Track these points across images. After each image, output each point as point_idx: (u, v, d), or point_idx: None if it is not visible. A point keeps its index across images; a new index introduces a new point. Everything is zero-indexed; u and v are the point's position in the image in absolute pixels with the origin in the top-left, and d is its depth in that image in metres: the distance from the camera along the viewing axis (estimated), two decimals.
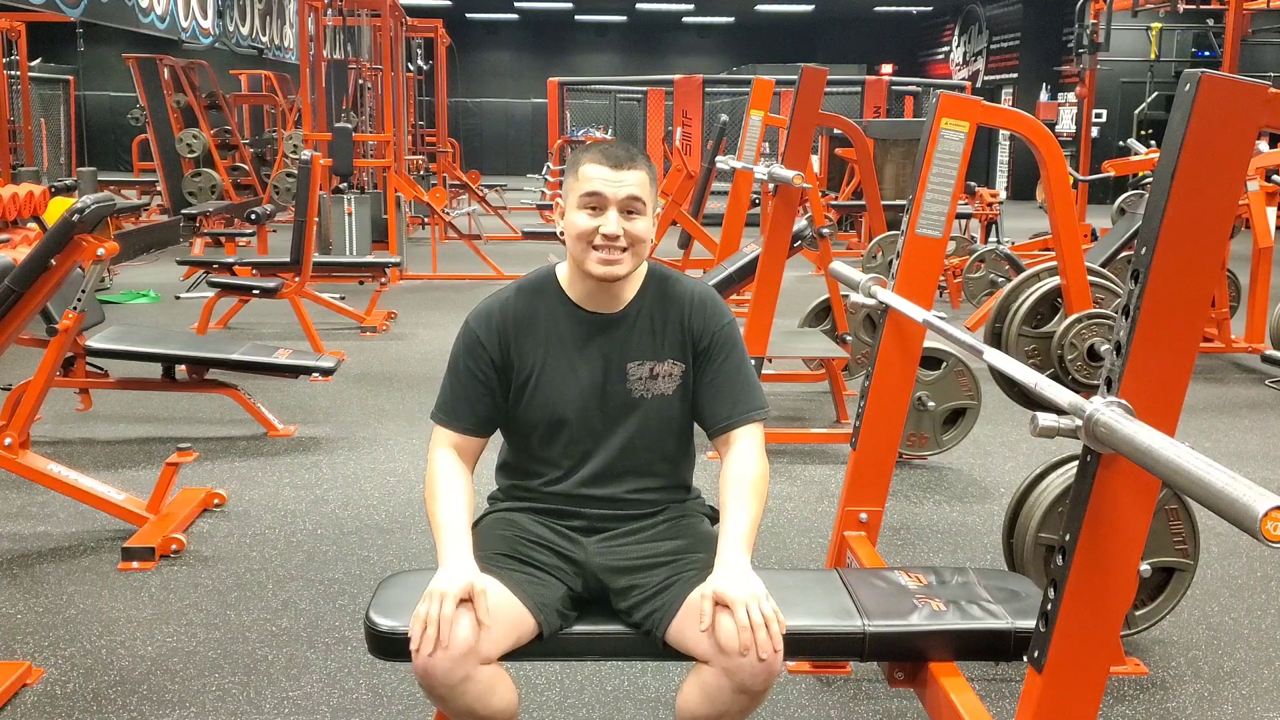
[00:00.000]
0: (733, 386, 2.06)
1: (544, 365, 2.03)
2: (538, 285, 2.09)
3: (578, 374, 2.03)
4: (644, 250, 2.00)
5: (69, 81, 14.64)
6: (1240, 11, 10.75)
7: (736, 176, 6.00)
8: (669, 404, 2.05)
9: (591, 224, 1.95)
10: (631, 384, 2.03)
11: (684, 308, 2.06)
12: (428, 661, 1.77)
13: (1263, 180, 6.62)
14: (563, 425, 2.04)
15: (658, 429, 2.06)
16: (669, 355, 2.04)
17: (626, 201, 1.96)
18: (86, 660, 2.78)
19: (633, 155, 1.99)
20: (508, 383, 2.05)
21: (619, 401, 2.03)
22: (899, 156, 12.29)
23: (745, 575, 1.86)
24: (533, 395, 2.04)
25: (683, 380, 2.06)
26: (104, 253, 3.41)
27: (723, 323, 2.08)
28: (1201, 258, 1.65)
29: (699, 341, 2.05)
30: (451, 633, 1.78)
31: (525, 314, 2.05)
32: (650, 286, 2.08)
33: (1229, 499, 1.28)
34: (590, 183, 1.96)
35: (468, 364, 2.05)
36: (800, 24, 26.14)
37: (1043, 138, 3.61)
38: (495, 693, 1.84)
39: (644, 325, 2.05)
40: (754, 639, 1.78)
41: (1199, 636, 2.98)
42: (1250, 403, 5.69)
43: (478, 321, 2.07)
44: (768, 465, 2.04)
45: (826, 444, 4.72)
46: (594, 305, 2.05)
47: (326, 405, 5.34)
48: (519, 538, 2.03)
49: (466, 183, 13.42)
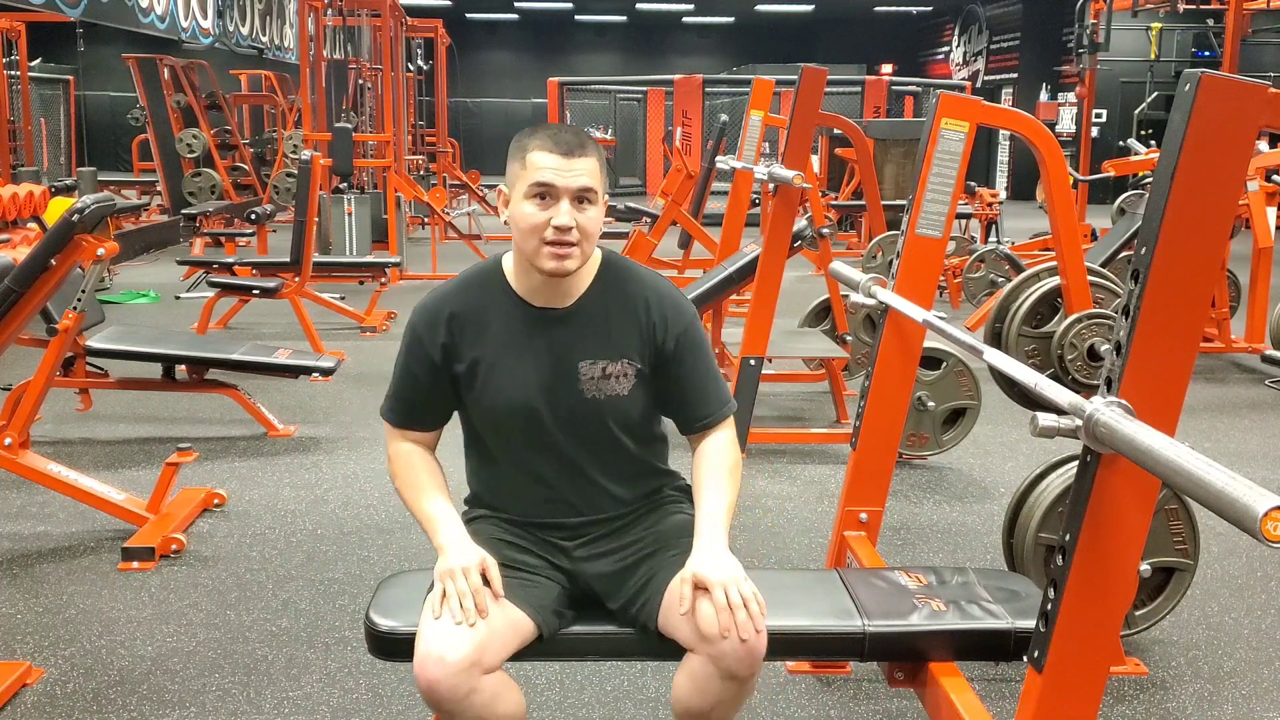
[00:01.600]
0: (704, 386, 2.01)
1: (490, 365, 1.93)
2: (482, 279, 1.98)
3: (525, 374, 1.92)
4: (594, 242, 1.90)
5: (69, 81, 14.67)
6: (1240, 11, 10.75)
7: (736, 176, 5.99)
8: (625, 403, 1.96)
9: (542, 216, 1.85)
10: (584, 384, 1.92)
11: (641, 306, 1.95)
12: (432, 679, 1.73)
13: (1263, 180, 6.62)
14: (514, 428, 1.95)
15: (616, 429, 1.96)
16: (623, 354, 1.94)
17: (579, 192, 1.85)
18: (86, 660, 2.78)
19: (583, 141, 1.88)
20: (454, 382, 1.96)
21: (572, 403, 1.93)
22: (899, 156, 12.29)
23: (723, 557, 1.83)
24: (480, 397, 1.94)
25: (638, 379, 1.95)
26: (104, 253, 3.41)
27: (686, 322, 1.98)
28: (1201, 258, 1.65)
29: (663, 344, 1.96)
30: (452, 646, 1.74)
31: (469, 310, 1.94)
32: (603, 279, 1.97)
33: (1229, 499, 1.28)
34: (539, 172, 1.85)
35: (407, 362, 1.98)
36: (800, 24, 26.14)
37: (1043, 138, 3.60)
38: (501, 699, 1.81)
39: (597, 322, 1.94)
40: (734, 620, 1.76)
41: (1199, 636, 2.98)
42: (1250, 403, 5.69)
43: (420, 320, 1.96)
44: (740, 454, 2.02)
45: (826, 444, 4.71)
46: (542, 300, 1.94)
47: (326, 405, 5.34)
48: (504, 542, 1.98)
49: (466, 183, 13.41)
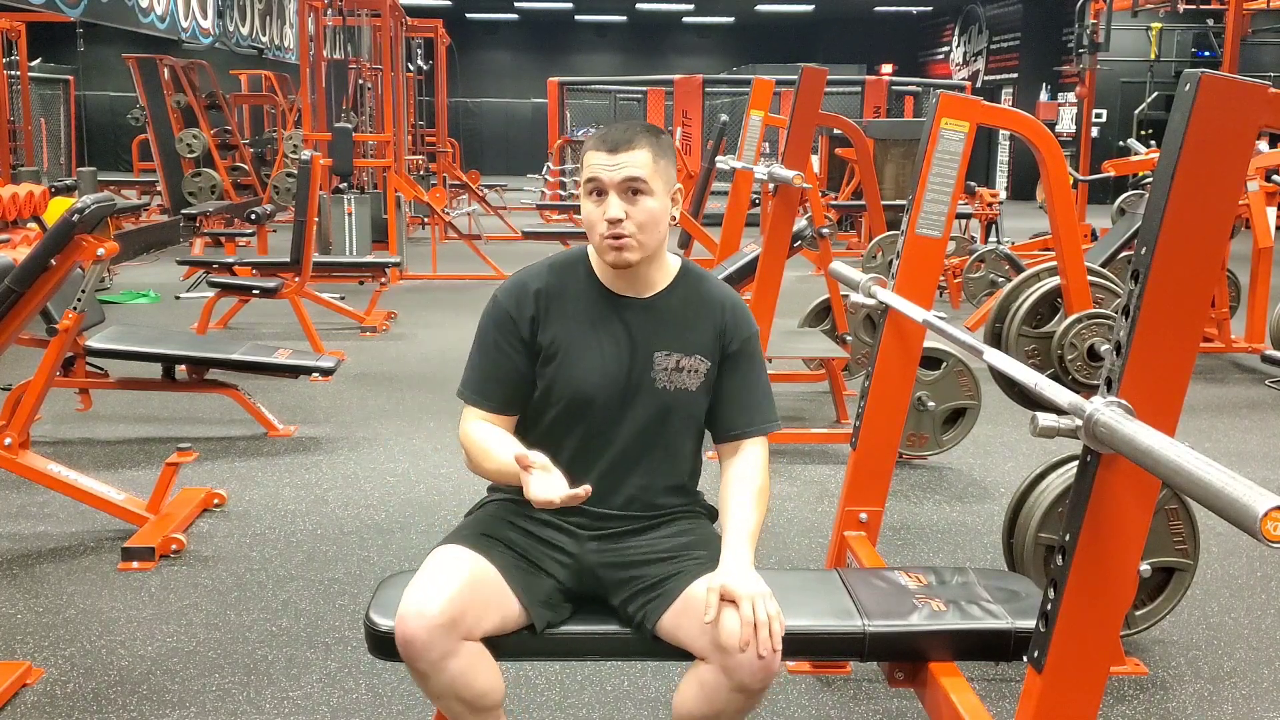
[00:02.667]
0: (752, 396, 2.06)
1: (571, 341, 2.00)
2: (569, 263, 2.06)
3: (604, 352, 2.00)
4: (656, 233, 1.95)
5: (69, 81, 14.65)
6: (1240, 11, 10.75)
7: (736, 176, 5.99)
8: (692, 399, 2.03)
9: (597, 211, 1.94)
10: (656, 373, 2.00)
11: (719, 309, 2.04)
12: (410, 630, 1.77)
13: (1263, 180, 6.62)
14: (584, 406, 2.00)
15: (677, 423, 2.03)
16: (697, 351, 2.02)
17: (625, 183, 1.92)
18: (86, 660, 2.78)
19: (632, 136, 1.93)
20: (535, 358, 2.01)
21: (642, 388, 2.00)
22: (899, 156, 12.28)
23: (752, 573, 1.86)
24: (557, 371, 2.00)
25: (706, 378, 2.03)
26: (104, 253, 3.41)
27: (751, 331, 2.07)
28: (1201, 258, 1.65)
29: (729, 345, 2.04)
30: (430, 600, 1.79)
31: (555, 289, 2.02)
32: (684, 279, 2.06)
33: (1229, 499, 1.28)
34: (590, 169, 1.94)
35: (496, 339, 2.02)
36: (800, 24, 26.14)
37: (1043, 138, 3.60)
38: (478, 672, 1.83)
39: (674, 317, 2.03)
40: (755, 635, 1.78)
41: (1199, 636, 2.98)
42: (1250, 403, 5.69)
43: (507, 296, 2.03)
44: (769, 479, 2.05)
45: (826, 444, 4.71)
46: (622, 288, 2.02)
47: (326, 405, 5.34)
48: (513, 525, 2.01)
49: (466, 183, 13.42)
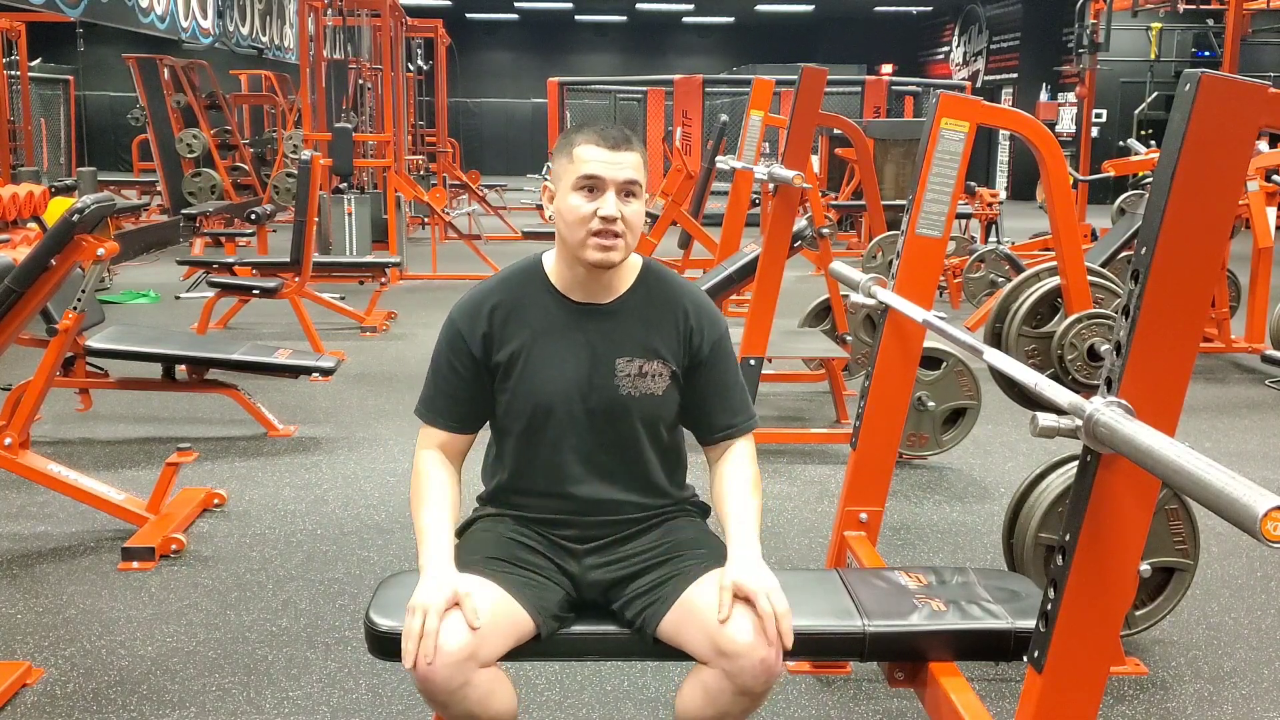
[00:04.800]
0: (731, 396, 2.05)
1: (529, 353, 1.97)
2: (522, 274, 2.03)
3: (563, 364, 1.96)
4: (638, 236, 1.95)
5: (69, 81, 14.65)
6: (1240, 11, 10.76)
7: (736, 176, 5.99)
8: (659, 404, 2.00)
9: (589, 207, 1.89)
10: (619, 380, 1.97)
11: (681, 310, 2.01)
12: (427, 670, 1.75)
13: (1263, 180, 6.62)
14: (546, 416, 1.97)
15: (645, 429, 2.00)
16: (660, 355, 1.99)
17: (625, 184, 1.90)
18: (86, 660, 2.78)
19: (627, 136, 1.93)
20: (491, 375, 1.99)
21: (605, 397, 1.97)
22: (899, 156, 12.29)
23: (762, 566, 1.85)
24: (517, 384, 1.97)
25: (672, 382, 2.00)
26: (104, 253, 3.41)
27: (720, 331, 2.05)
28: (1201, 258, 1.65)
29: (698, 349, 2.01)
30: (448, 638, 1.76)
31: (510, 303, 1.99)
32: (645, 282, 2.02)
33: (1229, 499, 1.28)
34: (587, 165, 1.89)
35: (449, 359, 2.00)
36: (800, 24, 26.15)
37: (1043, 138, 3.60)
38: (495, 695, 1.82)
39: (636, 321, 1.99)
40: (765, 629, 1.77)
41: (1199, 636, 2.98)
42: (1250, 403, 5.69)
43: (460, 314, 2.01)
44: (759, 470, 2.05)
45: (826, 444, 4.71)
46: (583, 295, 1.99)
47: (326, 405, 5.34)
48: (512, 540, 2.00)
49: (466, 183, 13.42)
